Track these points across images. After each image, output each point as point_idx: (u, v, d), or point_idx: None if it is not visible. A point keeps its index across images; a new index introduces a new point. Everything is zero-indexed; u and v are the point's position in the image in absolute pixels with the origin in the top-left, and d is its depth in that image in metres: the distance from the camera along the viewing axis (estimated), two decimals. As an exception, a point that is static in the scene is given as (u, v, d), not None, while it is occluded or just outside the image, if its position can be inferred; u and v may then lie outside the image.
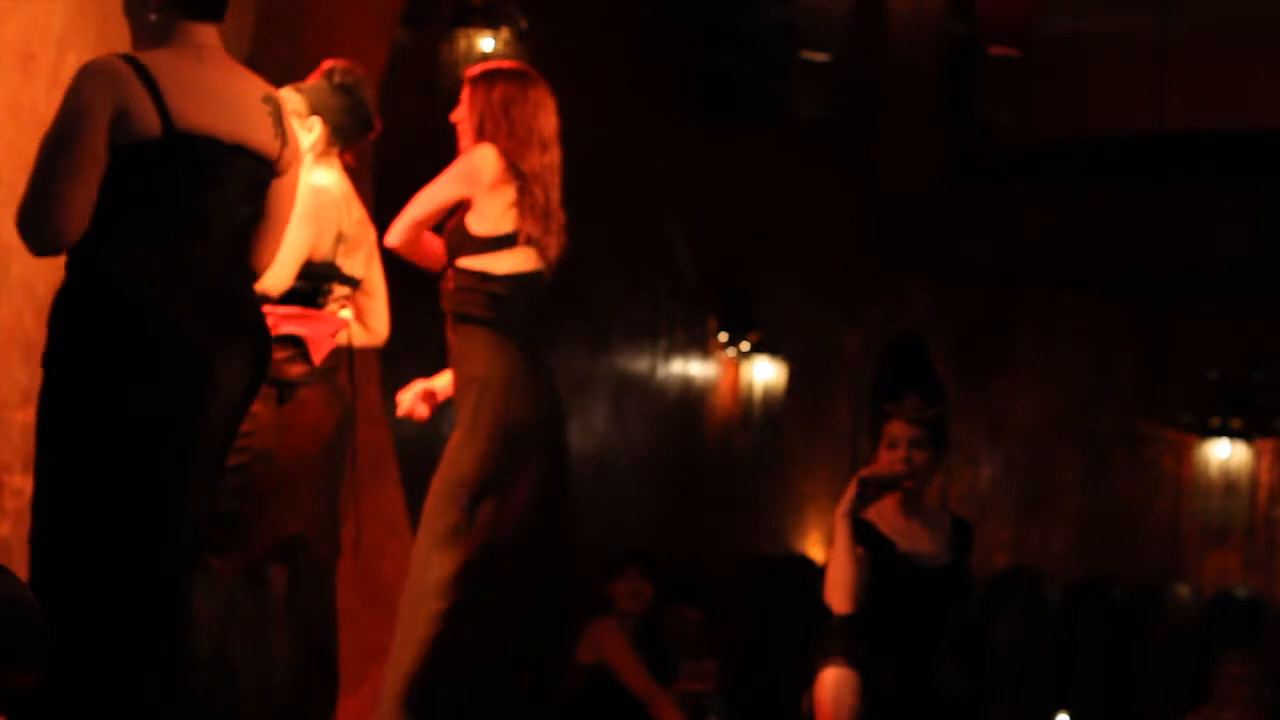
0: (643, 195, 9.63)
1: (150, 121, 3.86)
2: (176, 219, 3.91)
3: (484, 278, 5.11)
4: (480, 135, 5.14)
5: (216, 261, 3.97)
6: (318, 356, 4.86)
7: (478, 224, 5.10)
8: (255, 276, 4.17)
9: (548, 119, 5.18)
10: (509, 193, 5.09)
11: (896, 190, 10.91)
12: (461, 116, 5.20)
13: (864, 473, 5.07)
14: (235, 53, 5.36)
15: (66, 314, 3.88)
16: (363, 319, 5.13)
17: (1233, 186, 10.26)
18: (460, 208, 5.13)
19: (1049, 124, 9.94)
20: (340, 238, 4.92)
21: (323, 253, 4.87)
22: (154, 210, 3.89)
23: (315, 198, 4.83)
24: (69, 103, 3.86)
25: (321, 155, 4.94)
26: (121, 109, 3.84)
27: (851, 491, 5.07)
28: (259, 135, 4.03)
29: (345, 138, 5.01)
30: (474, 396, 5.11)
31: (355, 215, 5.01)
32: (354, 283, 5.01)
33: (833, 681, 5.04)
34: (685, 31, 9.78)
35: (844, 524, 5.05)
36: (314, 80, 4.99)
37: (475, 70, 5.31)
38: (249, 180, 4.03)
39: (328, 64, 5.03)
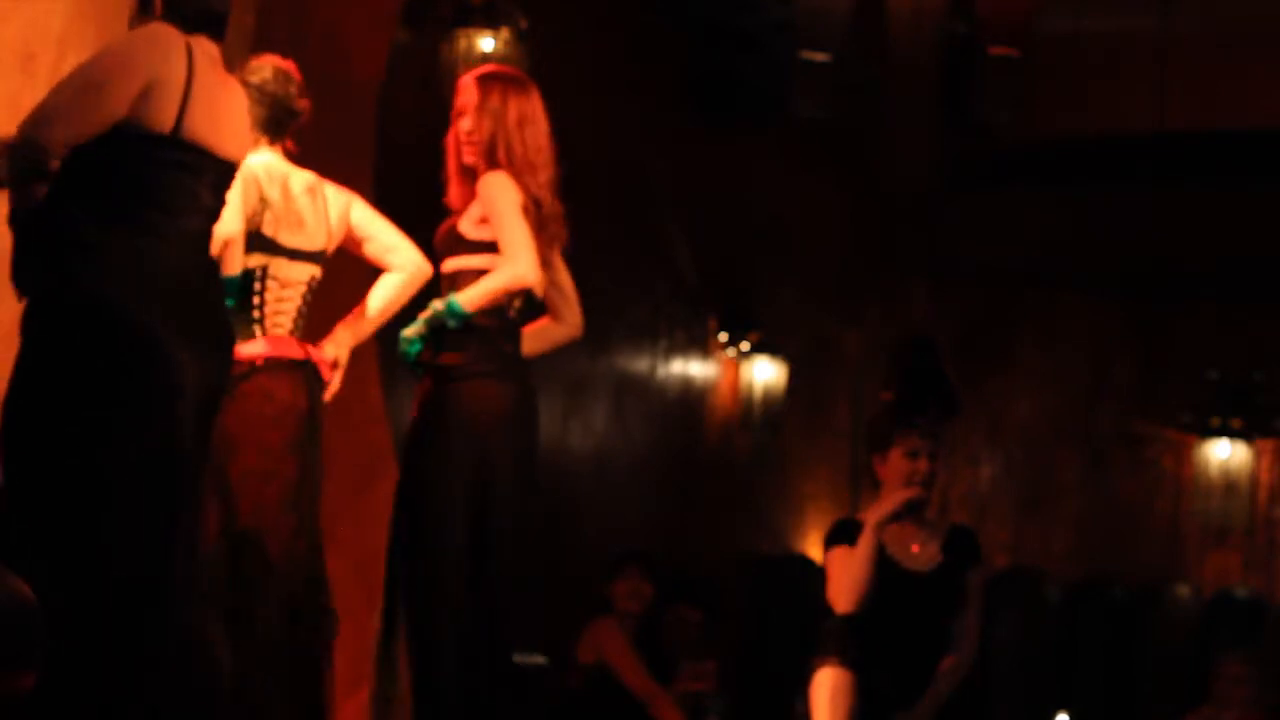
0: (643, 195, 9.62)
1: (167, 117, 3.88)
2: (152, 223, 3.92)
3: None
4: (491, 156, 5.05)
5: (186, 265, 3.99)
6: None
7: (474, 230, 5.08)
8: (219, 277, 4.19)
9: (549, 134, 5.14)
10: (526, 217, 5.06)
11: (896, 190, 10.91)
12: (471, 128, 5.09)
13: (911, 494, 5.09)
14: (235, 53, 5.36)
15: (39, 318, 3.89)
16: (387, 266, 5.13)
17: (1233, 186, 10.26)
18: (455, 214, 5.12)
19: (1049, 124, 9.94)
20: (265, 204, 4.88)
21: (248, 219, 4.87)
22: (132, 211, 3.89)
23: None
24: (120, 53, 3.89)
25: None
26: (154, 86, 3.87)
27: (893, 508, 5.09)
28: (243, 151, 4.09)
29: (270, 134, 4.99)
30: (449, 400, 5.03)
31: (297, 187, 4.97)
32: (304, 255, 4.96)
33: (829, 681, 5.05)
34: (685, 31, 9.77)
35: (874, 534, 5.08)
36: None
37: (486, 73, 5.20)
38: (222, 189, 4.07)
39: (249, 62, 4.99)
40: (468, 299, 4.95)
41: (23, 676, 3.30)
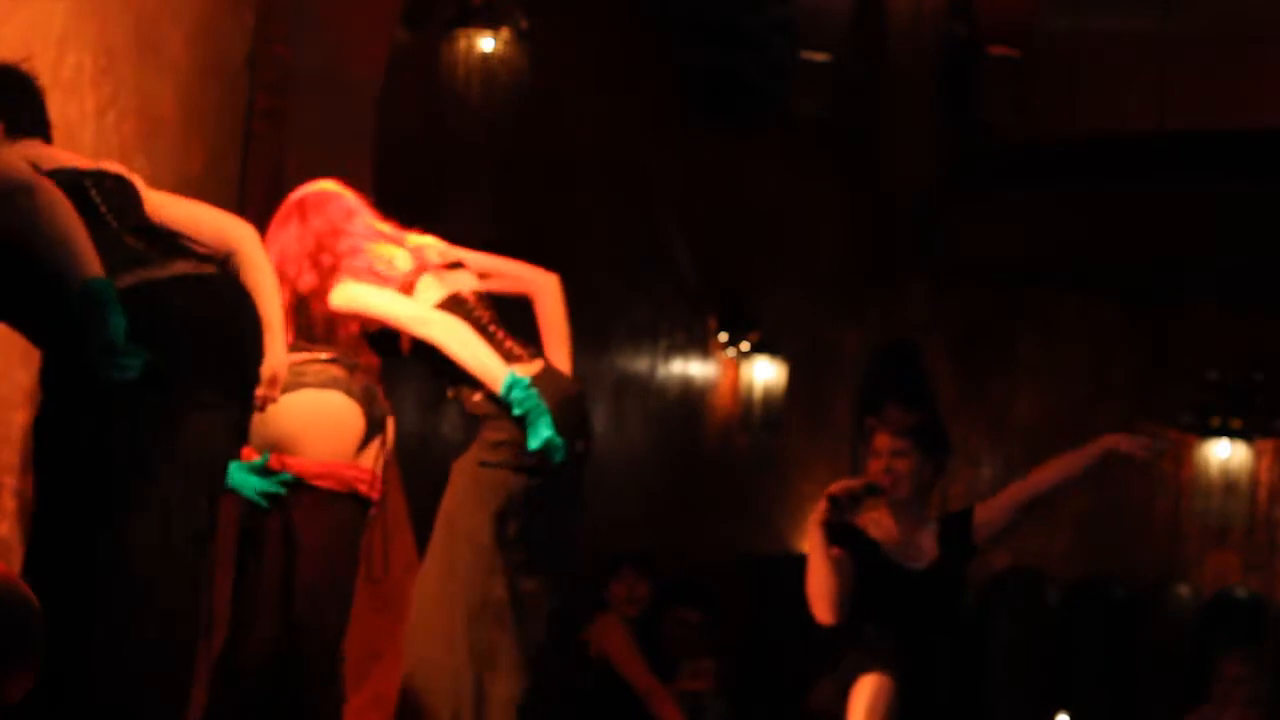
0: (643, 195, 9.62)
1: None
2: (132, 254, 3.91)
3: None
4: (319, 274, 4.90)
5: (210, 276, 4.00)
6: None
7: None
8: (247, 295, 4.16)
9: (368, 224, 5.04)
10: None
11: (896, 190, 10.91)
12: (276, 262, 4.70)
13: (833, 489, 5.09)
14: (235, 53, 5.36)
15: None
16: None
17: (1233, 186, 10.26)
18: None
19: (1049, 124, 9.94)
20: None
21: None
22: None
23: None
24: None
25: None
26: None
27: (821, 506, 5.08)
28: (111, 165, 4.08)
29: None
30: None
31: None
32: None
33: (870, 686, 5.04)
34: (685, 31, 9.78)
35: (815, 533, 5.06)
36: None
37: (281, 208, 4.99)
38: (132, 201, 4.04)
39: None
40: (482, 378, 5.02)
41: (23, 676, 3.29)
